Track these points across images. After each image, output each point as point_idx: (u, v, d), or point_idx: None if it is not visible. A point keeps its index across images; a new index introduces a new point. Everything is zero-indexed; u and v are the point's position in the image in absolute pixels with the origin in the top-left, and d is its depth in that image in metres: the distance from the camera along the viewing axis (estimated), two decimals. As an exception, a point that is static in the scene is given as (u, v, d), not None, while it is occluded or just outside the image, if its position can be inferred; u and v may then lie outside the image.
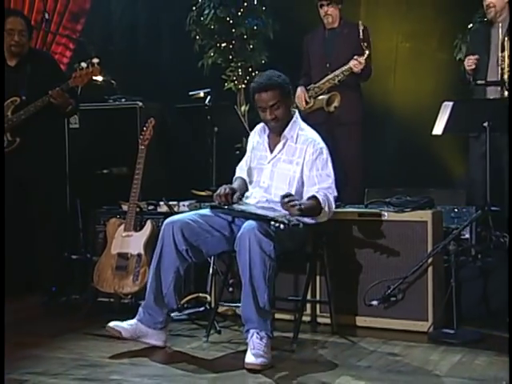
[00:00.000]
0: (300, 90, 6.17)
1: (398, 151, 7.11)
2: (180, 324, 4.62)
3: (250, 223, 3.85)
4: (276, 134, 4.32)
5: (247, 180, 4.48)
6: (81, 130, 6.15)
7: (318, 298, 4.62)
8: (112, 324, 4.10)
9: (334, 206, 4.16)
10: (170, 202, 5.24)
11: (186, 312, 4.65)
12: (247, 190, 4.45)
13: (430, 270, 4.40)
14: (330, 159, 4.26)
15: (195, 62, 7.44)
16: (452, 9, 7.05)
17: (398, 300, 4.40)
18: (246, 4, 7.28)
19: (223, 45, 7.32)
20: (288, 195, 3.92)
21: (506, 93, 5.46)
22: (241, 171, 4.61)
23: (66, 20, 8.38)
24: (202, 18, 7.27)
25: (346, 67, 5.91)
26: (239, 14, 7.27)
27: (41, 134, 5.48)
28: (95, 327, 4.61)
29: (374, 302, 4.37)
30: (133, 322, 4.14)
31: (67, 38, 8.16)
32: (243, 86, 7.32)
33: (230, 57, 7.36)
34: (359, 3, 7.52)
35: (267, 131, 4.42)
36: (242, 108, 7.17)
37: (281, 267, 3.96)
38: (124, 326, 4.11)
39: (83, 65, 5.30)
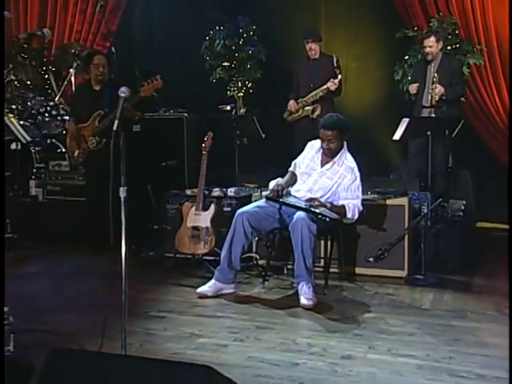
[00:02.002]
0: (292, 102, 6.64)
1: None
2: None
3: (301, 213, 4.34)
4: (327, 156, 4.66)
5: (297, 175, 4.80)
6: (141, 132, 6.39)
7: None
8: (199, 290, 4.57)
9: (357, 215, 4.53)
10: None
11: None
12: (295, 182, 4.78)
13: (406, 237, 4.94)
14: (360, 184, 4.58)
15: (206, 77, 7.76)
16: (387, 40, 7.51)
17: (385, 257, 4.81)
18: (245, 35, 7.62)
19: (227, 64, 7.67)
20: (310, 199, 4.45)
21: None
22: (294, 167, 4.86)
23: (98, 39, 8.58)
24: (214, 45, 7.60)
25: (324, 87, 6.43)
26: (240, 42, 7.62)
27: (124, 137, 5.80)
28: (179, 277, 5.05)
29: (371, 259, 4.82)
30: (211, 282, 4.58)
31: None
32: (241, 94, 7.71)
33: (233, 73, 7.71)
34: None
35: (321, 150, 4.71)
36: (241, 110, 7.56)
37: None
38: (206, 288, 4.57)
39: (149, 80, 5.49)
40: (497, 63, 7.12)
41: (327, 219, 4.22)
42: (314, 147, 4.83)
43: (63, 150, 6.70)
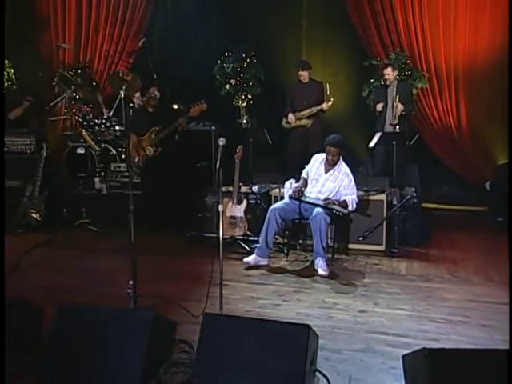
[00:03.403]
0: (291, 115, 7.38)
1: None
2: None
3: (318, 209, 5.15)
4: (329, 165, 5.37)
5: (308, 180, 5.49)
6: (180, 141, 6.85)
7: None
8: (245, 260, 5.34)
9: (355, 206, 5.24)
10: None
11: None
12: (306, 185, 5.47)
13: (384, 222, 5.74)
14: (354, 183, 5.28)
15: (217, 91, 8.39)
16: (354, 62, 8.29)
17: (370, 236, 5.27)
18: (248, 60, 8.26)
19: (234, 82, 8.31)
20: (326, 199, 5.23)
21: (398, 128, 6.83)
22: (305, 174, 5.52)
23: (124, 56, 9.02)
24: (223, 67, 8.23)
25: (319, 107, 7.24)
26: (244, 65, 8.27)
27: (170, 145, 6.45)
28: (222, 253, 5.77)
29: (360, 238, 5.25)
30: (253, 256, 5.35)
31: (125, 68, 8.64)
32: (244, 105, 8.36)
33: (238, 89, 8.33)
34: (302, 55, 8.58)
35: (324, 161, 5.38)
36: (245, 117, 8.26)
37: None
38: (250, 259, 5.33)
39: (195, 103, 6.15)
40: (434, 85, 8.11)
41: (340, 214, 5.10)
42: (317, 159, 5.53)
43: (114, 152, 7.34)
